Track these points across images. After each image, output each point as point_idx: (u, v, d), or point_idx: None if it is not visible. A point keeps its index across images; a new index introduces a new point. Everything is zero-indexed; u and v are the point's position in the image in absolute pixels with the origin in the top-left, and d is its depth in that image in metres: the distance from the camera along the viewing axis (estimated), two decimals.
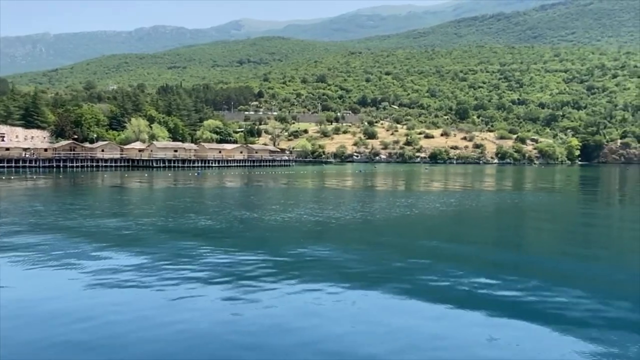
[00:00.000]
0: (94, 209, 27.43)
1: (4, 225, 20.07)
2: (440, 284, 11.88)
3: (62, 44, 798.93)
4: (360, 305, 10.16)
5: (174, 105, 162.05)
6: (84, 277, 12.09)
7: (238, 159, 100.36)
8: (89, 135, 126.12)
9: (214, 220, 21.73)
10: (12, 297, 10.46)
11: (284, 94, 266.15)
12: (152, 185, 46.46)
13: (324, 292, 10.91)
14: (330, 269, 12.98)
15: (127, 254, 14.35)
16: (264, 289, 11.15)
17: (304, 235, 18.02)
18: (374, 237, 18.85)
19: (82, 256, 14.32)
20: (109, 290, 11.06)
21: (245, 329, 8.80)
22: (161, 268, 12.87)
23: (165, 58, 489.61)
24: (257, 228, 19.91)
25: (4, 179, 51.76)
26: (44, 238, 17.40)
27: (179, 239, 17.15)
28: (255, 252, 15.26)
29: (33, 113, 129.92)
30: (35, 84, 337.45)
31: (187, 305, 9.99)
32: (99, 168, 79.77)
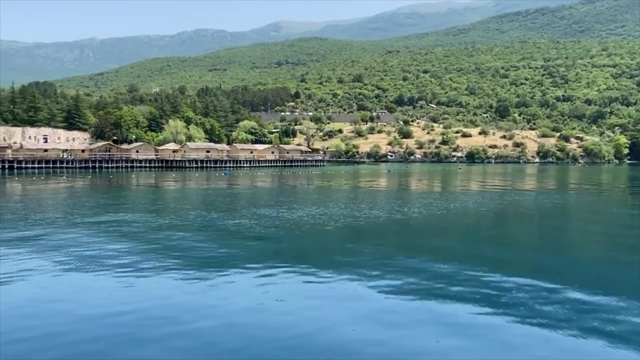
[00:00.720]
0: (126, 208, 28.07)
1: (43, 222, 20.73)
2: (484, 290, 11.01)
3: (108, 48, 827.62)
4: (401, 312, 9.72)
5: (211, 106, 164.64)
6: (118, 273, 12.35)
7: (269, 159, 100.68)
8: (128, 137, 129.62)
9: (238, 219, 21.63)
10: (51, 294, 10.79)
11: (320, 95, 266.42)
12: (183, 185, 47.00)
13: (374, 299, 10.40)
14: (371, 271, 12.41)
15: (156, 253, 14.40)
16: (295, 292, 10.83)
17: (335, 239, 17.42)
18: (408, 239, 18.11)
19: (118, 252, 14.72)
20: (147, 285, 11.39)
21: (283, 330, 8.61)
22: (198, 265, 12.97)
23: (206, 61, 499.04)
24: (279, 227, 19.54)
25: (42, 179, 53.37)
26: (80, 235, 18.02)
27: (207, 238, 17.13)
28: (286, 252, 15.04)
29: (75, 115, 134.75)
30: (82, 87, 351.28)
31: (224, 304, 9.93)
32: (133, 168, 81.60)
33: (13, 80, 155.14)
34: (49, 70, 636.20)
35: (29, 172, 69.90)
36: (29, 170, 71.68)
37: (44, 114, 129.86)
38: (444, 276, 12.04)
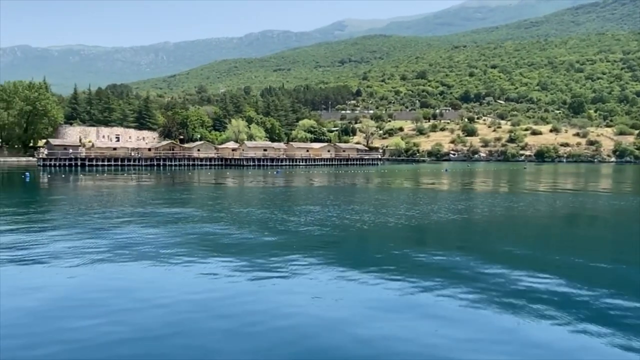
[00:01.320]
0: (189, 204, 28.98)
1: (111, 216, 21.97)
2: (555, 300, 9.94)
3: (181, 51, 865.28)
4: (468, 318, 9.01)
5: (272, 106, 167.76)
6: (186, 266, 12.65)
7: (325, 157, 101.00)
8: (193, 136, 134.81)
9: (294, 217, 21.50)
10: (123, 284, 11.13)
11: (382, 92, 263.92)
12: (241, 183, 47.85)
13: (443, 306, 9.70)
14: (440, 277, 11.50)
15: (209, 255, 14.09)
16: (357, 295, 10.35)
17: (393, 240, 16.57)
18: (470, 242, 16.98)
19: (183, 245, 15.15)
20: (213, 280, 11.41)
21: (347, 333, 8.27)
22: (256, 262, 12.89)
23: (271, 61, 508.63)
24: (333, 225, 19.15)
25: (112, 176, 56.41)
26: (146, 227, 18.80)
27: (264, 235, 17.00)
28: (342, 252, 14.67)
29: (145, 115, 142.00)
30: (155, 89, 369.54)
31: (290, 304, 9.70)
32: (194, 167, 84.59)
33: (90, 83, 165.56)
34: (127, 73, 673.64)
35: (99, 169, 74.19)
36: (99, 168, 76.12)
37: (117, 115, 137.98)
38: (512, 286, 10.87)
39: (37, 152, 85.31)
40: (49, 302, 9.82)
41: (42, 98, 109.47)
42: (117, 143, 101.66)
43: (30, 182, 45.23)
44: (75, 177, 55.82)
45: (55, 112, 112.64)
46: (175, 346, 7.59)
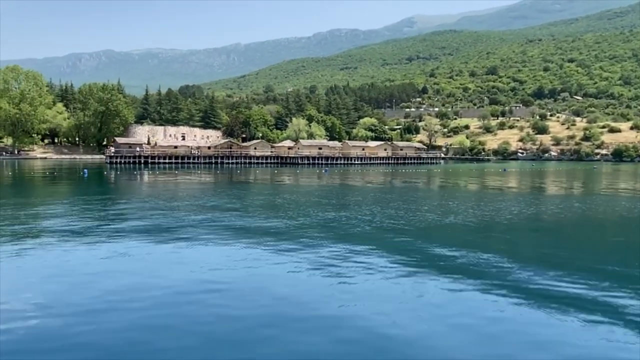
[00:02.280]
0: (244, 199, 29.55)
1: (174, 209, 23.16)
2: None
3: (251, 52, 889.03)
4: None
5: (334, 104, 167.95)
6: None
7: (381, 156, 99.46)
8: (255, 134, 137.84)
9: (348, 214, 21.42)
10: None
11: (450, 89, 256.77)
12: (295, 181, 47.81)
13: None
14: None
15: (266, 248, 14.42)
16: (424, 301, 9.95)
17: (455, 242, 15.73)
18: (538, 249, 15.63)
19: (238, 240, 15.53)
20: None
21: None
22: (318, 261, 12.75)
23: (338, 60, 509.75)
24: (387, 227, 18.53)
25: (171, 173, 58.62)
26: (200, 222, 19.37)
27: (320, 234, 16.80)
28: (404, 254, 13.93)
29: (210, 115, 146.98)
30: (226, 89, 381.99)
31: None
32: (251, 165, 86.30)
33: (160, 84, 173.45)
34: (200, 75, 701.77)
35: (161, 167, 77.53)
36: (160, 166, 79.58)
37: (184, 114, 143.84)
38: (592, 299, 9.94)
39: (105, 150, 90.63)
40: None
41: (114, 99, 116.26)
42: (180, 141, 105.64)
43: (87, 179, 47.91)
44: (138, 173, 58.42)
45: (126, 112, 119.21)
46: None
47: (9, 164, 77.90)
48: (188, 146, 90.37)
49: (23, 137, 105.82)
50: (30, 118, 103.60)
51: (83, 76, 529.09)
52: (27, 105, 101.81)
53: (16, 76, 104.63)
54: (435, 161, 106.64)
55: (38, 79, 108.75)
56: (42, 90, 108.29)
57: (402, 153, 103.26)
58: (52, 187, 38.91)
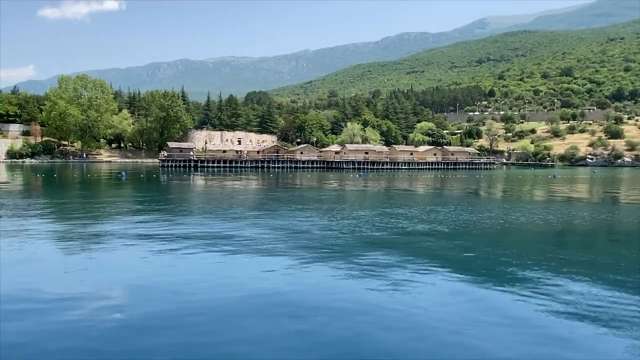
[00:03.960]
0: (289, 204, 29.64)
1: (219, 211, 24.12)
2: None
3: (319, 58, 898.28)
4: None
5: (392, 109, 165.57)
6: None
7: (430, 161, 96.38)
8: (310, 139, 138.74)
9: (400, 220, 21.15)
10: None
11: (519, 92, 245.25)
12: (340, 185, 47.30)
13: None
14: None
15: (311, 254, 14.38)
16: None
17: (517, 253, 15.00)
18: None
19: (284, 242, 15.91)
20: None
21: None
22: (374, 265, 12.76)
23: (405, 64, 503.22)
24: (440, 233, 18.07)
25: (218, 176, 60.39)
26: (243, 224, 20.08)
27: (375, 239, 16.67)
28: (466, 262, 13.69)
29: (267, 120, 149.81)
30: (293, 95, 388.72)
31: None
32: (297, 169, 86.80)
33: (220, 91, 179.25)
34: (270, 81, 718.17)
35: (209, 170, 79.98)
36: (209, 169, 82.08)
37: (243, 120, 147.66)
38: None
39: (159, 155, 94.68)
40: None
41: (174, 105, 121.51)
42: (235, 146, 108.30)
43: (125, 181, 50.12)
44: (187, 176, 60.53)
45: (185, 118, 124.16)
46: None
47: (77, 167, 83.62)
48: (236, 150, 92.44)
49: (90, 141, 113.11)
50: (97, 124, 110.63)
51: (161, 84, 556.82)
52: (93, 111, 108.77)
53: (85, 84, 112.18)
54: (489, 167, 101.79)
55: (104, 87, 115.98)
56: (108, 97, 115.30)
57: (453, 158, 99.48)
58: (113, 188, 41.37)
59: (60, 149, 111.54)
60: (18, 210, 23.15)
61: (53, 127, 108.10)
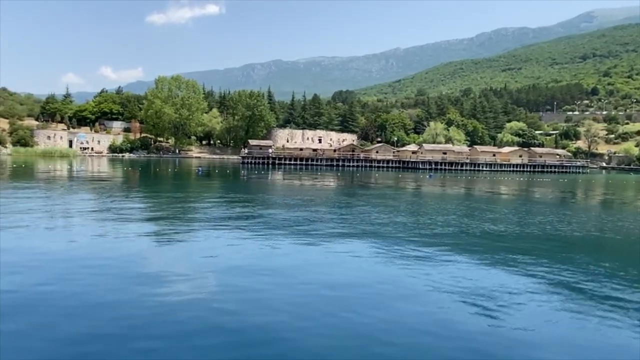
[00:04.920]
0: (367, 202, 29.89)
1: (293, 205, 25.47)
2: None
3: (410, 57, 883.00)
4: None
5: (479, 107, 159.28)
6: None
7: (514, 163, 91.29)
8: (391, 138, 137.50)
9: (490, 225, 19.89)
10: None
11: (626, 90, 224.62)
12: (418, 186, 46.34)
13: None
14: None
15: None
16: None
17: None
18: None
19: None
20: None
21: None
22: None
23: (500, 61, 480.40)
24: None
25: (295, 173, 62.22)
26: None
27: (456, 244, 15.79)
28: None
29: (349, 119, 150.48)
30: (380, 94, 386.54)
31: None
32: (371, 168, 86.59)
33: (305, 91, 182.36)
34: (358, 80, 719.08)
35: (286, 167, 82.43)
36: (286, 166, 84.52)
37: (325, 119, 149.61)
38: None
39: (240, 152, 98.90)
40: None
41: (259, 105, 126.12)
42: (307, 144, 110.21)
43: (202, 176, 53.15)
44: (265, 173, 62.94)
45: (269, 117, 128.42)
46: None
47: (171, 162, 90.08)
48: (313, 149, 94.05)
49: (182, 138, 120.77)
50: (188, 122, 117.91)
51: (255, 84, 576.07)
52: (185, 110, 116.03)
53: (179, 85, 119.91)
54: (581, 170, 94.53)
55: (196, 87, 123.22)
56: (199, 97, 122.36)
57: (541, 160, 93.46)
58: (196, 182, 44.43)
59: (156, 145, 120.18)
60: (117, 198, 26.00)
61: (150, 124, 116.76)
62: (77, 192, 30.36)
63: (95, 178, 43.68)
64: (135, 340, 7.54)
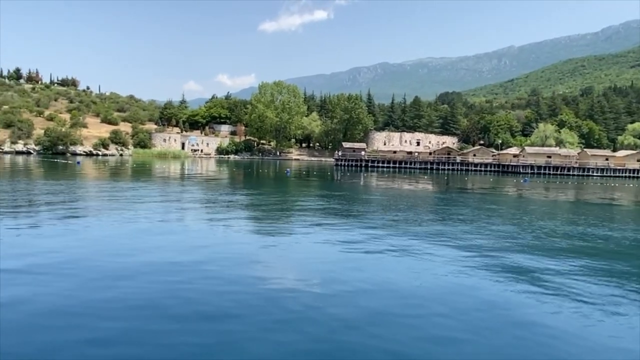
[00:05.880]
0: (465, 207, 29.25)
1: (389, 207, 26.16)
2: None
3: (525, 54, 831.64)
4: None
5: (597, 108, 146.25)
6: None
7: (631, 168, 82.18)
8: (495, 141, 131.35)
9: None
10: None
11: None
12: (519, 192, 42.38)
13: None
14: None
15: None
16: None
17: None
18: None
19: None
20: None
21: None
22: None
23: (629, 56, 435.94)
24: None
25: (388, 176, 62.61)
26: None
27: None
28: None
29: (450, 121, 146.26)
30: (490, 95, 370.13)
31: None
32: (468, 172, 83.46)
33: (409, 94, 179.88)
34: (468, 81, 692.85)
35: (379, 170, 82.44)
36: (379, 169, 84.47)
37: (425, 121, 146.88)
38: None
39: (334, 154, 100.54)
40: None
41: (356, 108, 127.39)
42: (405, 147, 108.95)
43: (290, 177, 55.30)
44: (358, 174, 64.05)
45: (366, 120, 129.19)
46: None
47: (271, 163, 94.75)
48: (407, 152, 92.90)
49: (283, 141, 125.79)
50: (288, 125, 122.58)
51: (360, 87, 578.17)
52: (286, 114, 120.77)
53: (280, 90, 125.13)
54: None
55: (296, 91, 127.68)
56: (299, 101, 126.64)
57: None
58: (290, 183, 46.09)
59: (258, 147, 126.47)
60: (224, 196, 28.53)
61: (254, 127, 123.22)
62: (191, 189, 33.49)
63: (205, 177, 47.50)
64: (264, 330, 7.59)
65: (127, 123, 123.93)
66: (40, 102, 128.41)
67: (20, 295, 8.66)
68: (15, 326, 7.35)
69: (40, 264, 10.72)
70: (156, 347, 6.80)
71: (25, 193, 25.05)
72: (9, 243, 12.65)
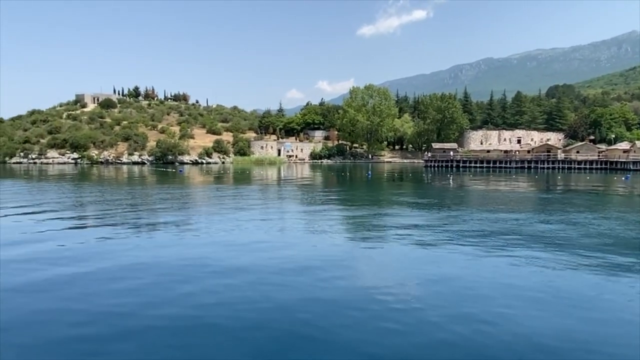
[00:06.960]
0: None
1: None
2: None
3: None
4: None
5: None
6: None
7: None
8: (607, 136, 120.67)
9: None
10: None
11: None
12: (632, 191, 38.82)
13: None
14: None
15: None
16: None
17: None
18: None
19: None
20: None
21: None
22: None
23: None
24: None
25: (481, 177, 60.90)
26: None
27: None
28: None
29: (555, 116, 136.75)
30: (609, 85, 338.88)
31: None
32: (570, 170, 77.72)
33: (534, 87, 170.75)
34: (583, 72, 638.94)
35: (471, 170, 79.65)
36: (471, 169, 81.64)
37: (527, 117, 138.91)
38: None
39: (423, 155, 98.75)
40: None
41: (450, 107, 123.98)
42: (505, 145, 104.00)
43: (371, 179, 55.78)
44: (449, 176, 62.67)
45: (461, 119, 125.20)
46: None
47: (363, 167, 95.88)
48: (504, 150, 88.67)
49: (375, 144, 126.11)
50: (379, 128, 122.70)
51: (463, 85, 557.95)
52: (376, 117, 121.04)
53: (370, 93, 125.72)
54: None
55: (387, 94, 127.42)
56: (390, 103, 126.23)
57: None
58: (382, 185, 47.44)
59: (350, 151, 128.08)
60: (318, 199, 30.52)
61: (346, 132, 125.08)
62: (287, 193, 35.50)
63: (299, 182, 49.64)
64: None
65: (229, 132, 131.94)
66: (155, 116, 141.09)
67: (186, 274, 11.16)
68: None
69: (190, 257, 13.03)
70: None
71: (170, 196, 30.11)
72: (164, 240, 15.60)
